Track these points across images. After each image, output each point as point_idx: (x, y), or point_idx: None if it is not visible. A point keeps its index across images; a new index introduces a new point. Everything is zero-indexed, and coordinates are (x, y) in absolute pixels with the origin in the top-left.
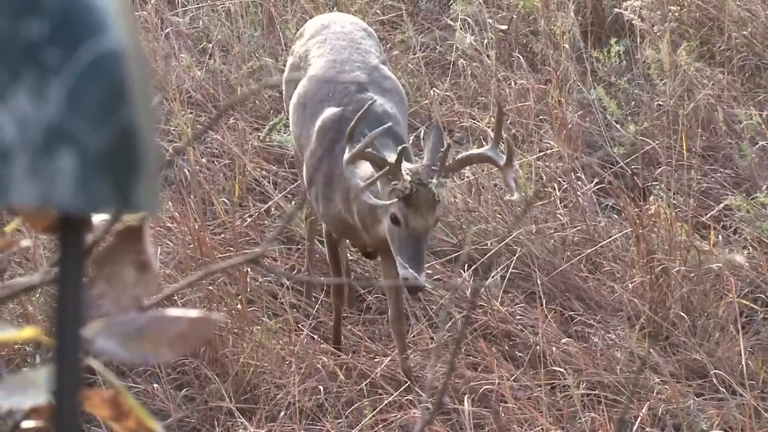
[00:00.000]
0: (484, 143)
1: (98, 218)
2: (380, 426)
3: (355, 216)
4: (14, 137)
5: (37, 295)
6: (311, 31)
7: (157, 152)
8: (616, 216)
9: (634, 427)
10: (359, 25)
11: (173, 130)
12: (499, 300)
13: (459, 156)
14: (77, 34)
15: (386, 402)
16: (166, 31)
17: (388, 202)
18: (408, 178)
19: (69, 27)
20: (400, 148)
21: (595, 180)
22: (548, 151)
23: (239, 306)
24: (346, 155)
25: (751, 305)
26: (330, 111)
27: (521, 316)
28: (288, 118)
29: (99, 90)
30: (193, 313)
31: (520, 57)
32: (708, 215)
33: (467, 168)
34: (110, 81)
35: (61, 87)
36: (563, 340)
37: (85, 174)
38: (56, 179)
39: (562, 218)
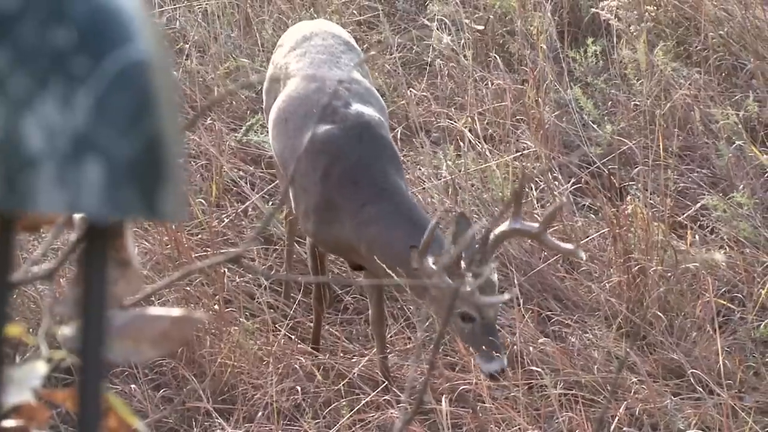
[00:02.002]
0: (461, 143)
1: (78, 216)
2: (358, 426)
3: (373, 260)
4: (42, 145)
5: (15, 295)
6: (291, 43)
7: (182, 160)
8: (593, 216)
9: (612, 427)
10: (341, 38)
11: None
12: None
13: (491, 239)
14: (105, 43)
15: (364, 402)
16: None
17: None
18: (468, 279)
19: (96, 36)
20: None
21: (572, 180)
22: (525, 151)
23: (216, 306)
24: (417, 260)
25: (728, 305)
26: (320, 130)
27: (498, 315)
28: (265, 122)
29: (126, 99)
30: (175, 312)
31: (497, 57)
32: (685, 215)
33: (444, 168)
34: (137, 90)
35: (89, 96)
36: (540, 340)
37: (111, 182)
38: (83, 187)
39: (539, 218)
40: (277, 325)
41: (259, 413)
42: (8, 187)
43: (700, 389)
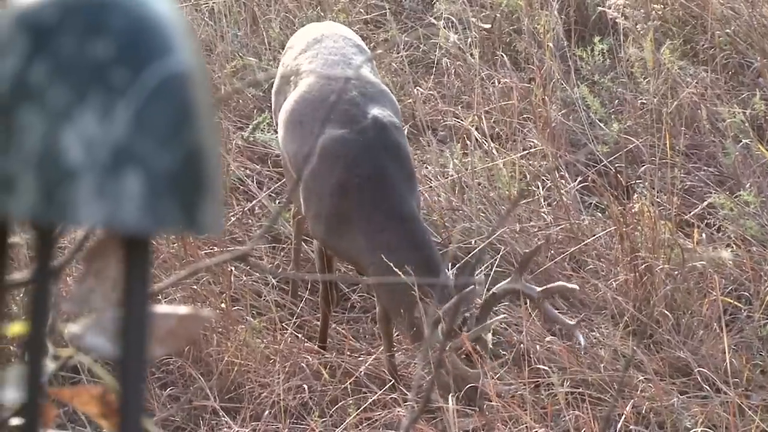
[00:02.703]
0: (468, 142)
1: None
2: (365, 424)
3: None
4: (81, 158)
5: (21, 294)
6: (302, 45)
7: (219, 173)
8: (599, 214)
9: (618, 425)
10: (352, 40)
11: None
12: (482, 298)
13: (487, 296)
14: (144, 54)
15: (371, 400)
16: None
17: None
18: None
19: (136, 47)
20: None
21: (579, 178)
22: (532, 150)
23: (223, 305)
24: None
25: (735, 303)
26: (335, 134)
27: (505, 314)
28: (274, 123)
29: (166, 111)
30: (182, 310)
31: (504, 56)
32: (691, 213)
33: (451, 166)
34: (177, 102)
35: (128, 108)
36: (547, 339)
37: (151, 195)
38: (123, 200)
39: (545, 217)
40: (284, 324)
41: (266, 412)
42: (47, 199)
43: (707, 387)
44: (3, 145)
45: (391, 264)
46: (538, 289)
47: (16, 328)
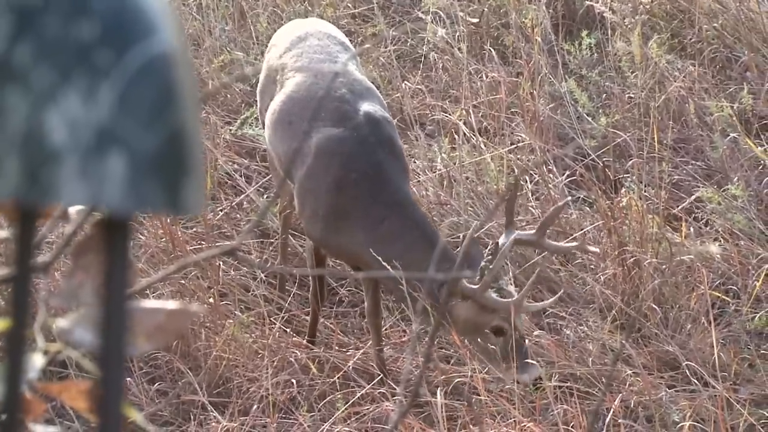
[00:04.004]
0: (455, 136)
1: (75, 209)
2: (353, 419)
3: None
4: (65, 139)
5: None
6: (286, 44)
7: (202, 154)
8: (587, 208)
9: (607, 419)
10: (336, 38)
11: None
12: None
13: (500, 252)
14: (128, 36)
15: (359, 395)
16: None
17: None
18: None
19: (120, 29)
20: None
21: (567, 172)
22: (520, 144)
23: (211, 299)
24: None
25: (723, 297)
26: (329, 133)
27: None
28: (260, 120)
29: (150, 92)
30: (171, 304)
31: (492, 50)
32: (679, 207)
33: (439, 160)
34: (161, 84)
35: (112, 89)
36: (535, 333)
37: (134, 176)
38: (106, 181)
39: (533, 211)
40: (272, 318)
41: (255, 406)
42: (31, 180)
43: (695, 381)
44: None
45: (397, 252)
46: (532, 233)
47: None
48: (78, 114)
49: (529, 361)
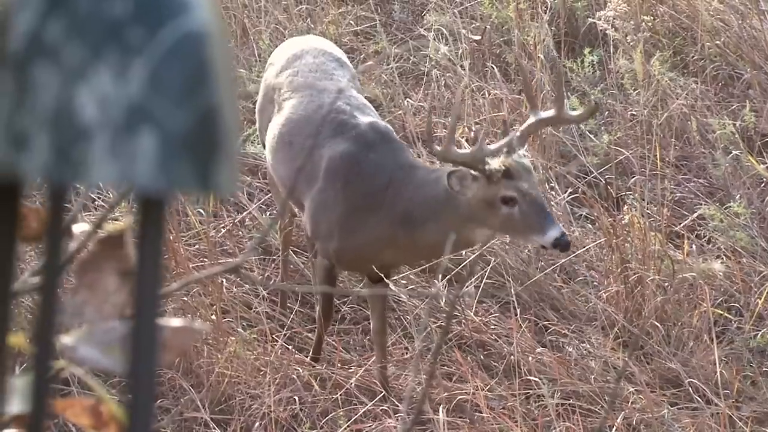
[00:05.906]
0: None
1: (79, 228)
2: None
3: (408, 247)
4: (95, 116)
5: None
6: (282, 63)
7: (236, 133)
8: (590, 225)
9: None
10: (332, 54)
11: None
12: (473, 310)
13: (522, 128)
14: (161, 13)
15: (361, 412)
16: None
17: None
18: (496, 160)
19: (153, 6)
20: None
21: (569, 190)
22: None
23: (214, 316)
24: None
25: (725, 314)
26: (337, 149)
27: (495, 325)
28: (260, 139)
29: (182, 70)
30: (176, 321)
31: (494, 67)
32: (681, 225)
33: None
34: (193, 61)
35: (144, 66)
36: (538, 350)
37: (165, 154)
38: (137, 159)
39: None
40: (274, 335)
41: (257, 423)
42: (61, 157)
43: (698, 399)
44: (17, 103)
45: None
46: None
47: (14, 339)
48: (109, 91)
49: (548, 222)
